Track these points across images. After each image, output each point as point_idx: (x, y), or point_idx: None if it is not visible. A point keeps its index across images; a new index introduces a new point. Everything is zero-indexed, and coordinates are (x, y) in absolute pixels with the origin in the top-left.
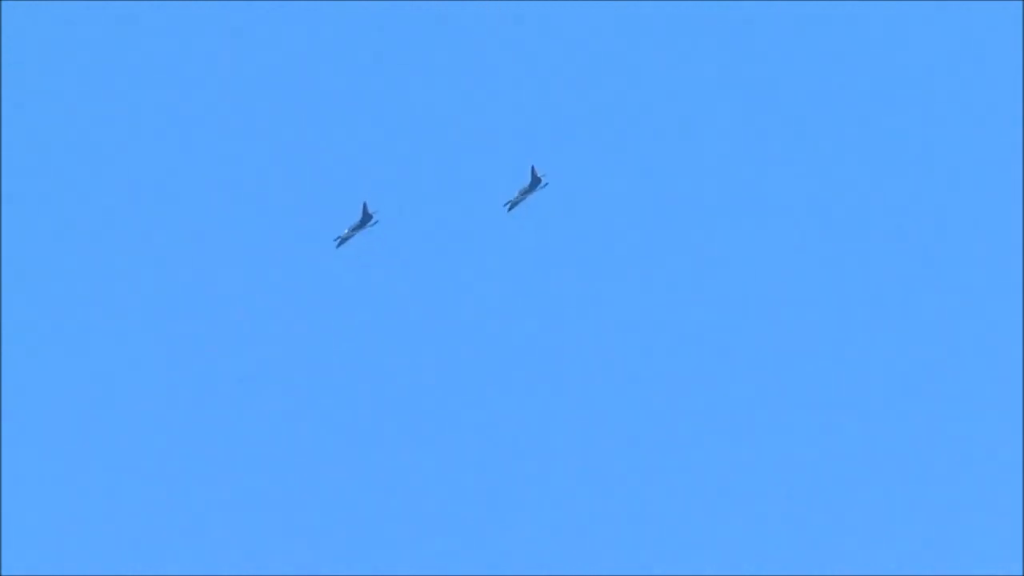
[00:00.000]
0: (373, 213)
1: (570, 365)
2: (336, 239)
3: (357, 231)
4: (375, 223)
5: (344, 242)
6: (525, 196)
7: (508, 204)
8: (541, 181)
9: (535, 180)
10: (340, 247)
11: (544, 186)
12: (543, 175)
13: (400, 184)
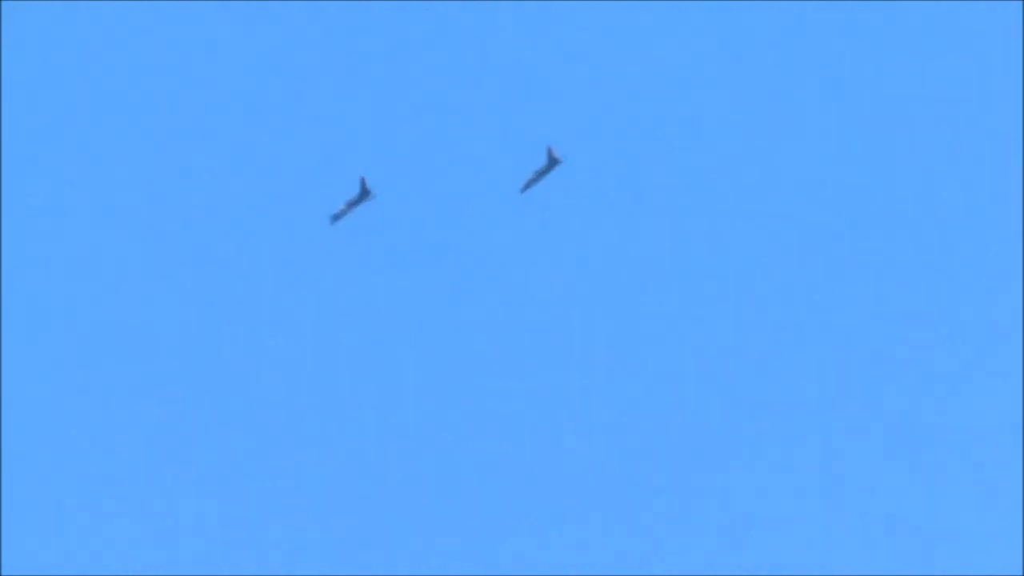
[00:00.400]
0: (371, 189)
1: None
2: (333, 215)
3: (355, 206)
4: (373, 198)
5: (340, 218)
6: (541, 177)
7: (524, 185)
8: (558, 161)
9: (552, 160)
10: (336, 223)
11: (559, 165)
12: (560, 156)
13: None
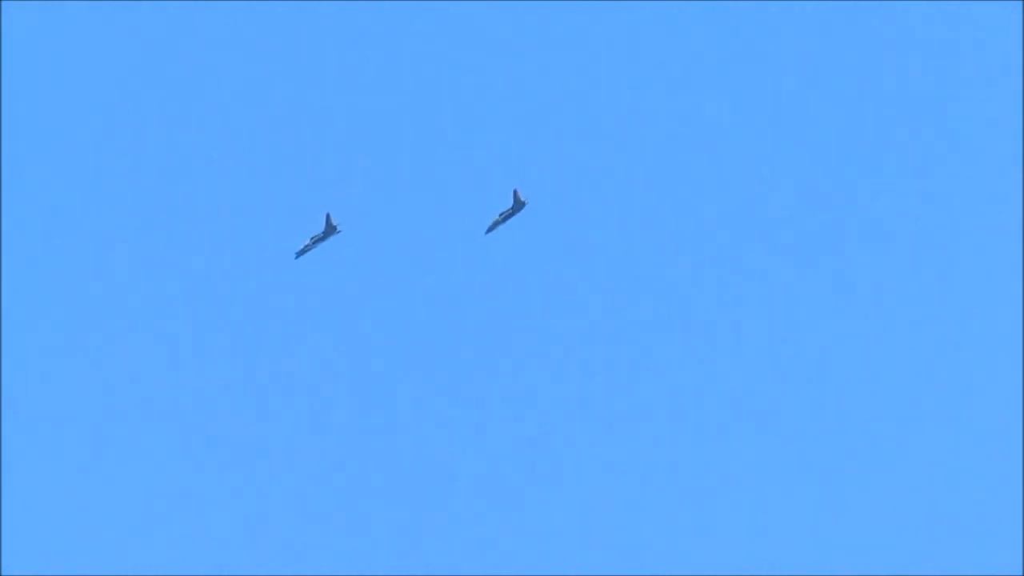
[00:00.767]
0: (336, 224)
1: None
2: (297, 251)
3: (319, 242)
4: (337, 234)
5: (304, 253)
6: (506, 219)
7: (489, 227)
8: (523, 204)
9: (517, 203)
10: (299, 258)
11: (523, 208)
12: (525, 198)
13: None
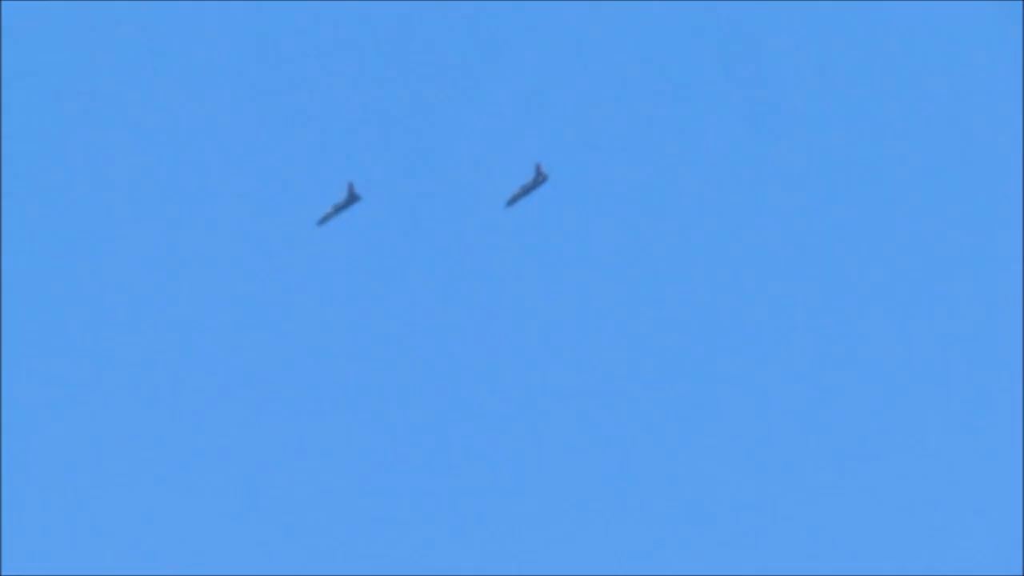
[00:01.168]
0: (359, 194)
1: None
2: (319, 219)
3: (341, 210)
4: (359, 202)
5: (326, 221)
6: (527, 192)
7: (509, 200)
8: (545, 178)
9: (539, 176)
10: (321, 225)
11: (544, 181)
12: (546, 172)
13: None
